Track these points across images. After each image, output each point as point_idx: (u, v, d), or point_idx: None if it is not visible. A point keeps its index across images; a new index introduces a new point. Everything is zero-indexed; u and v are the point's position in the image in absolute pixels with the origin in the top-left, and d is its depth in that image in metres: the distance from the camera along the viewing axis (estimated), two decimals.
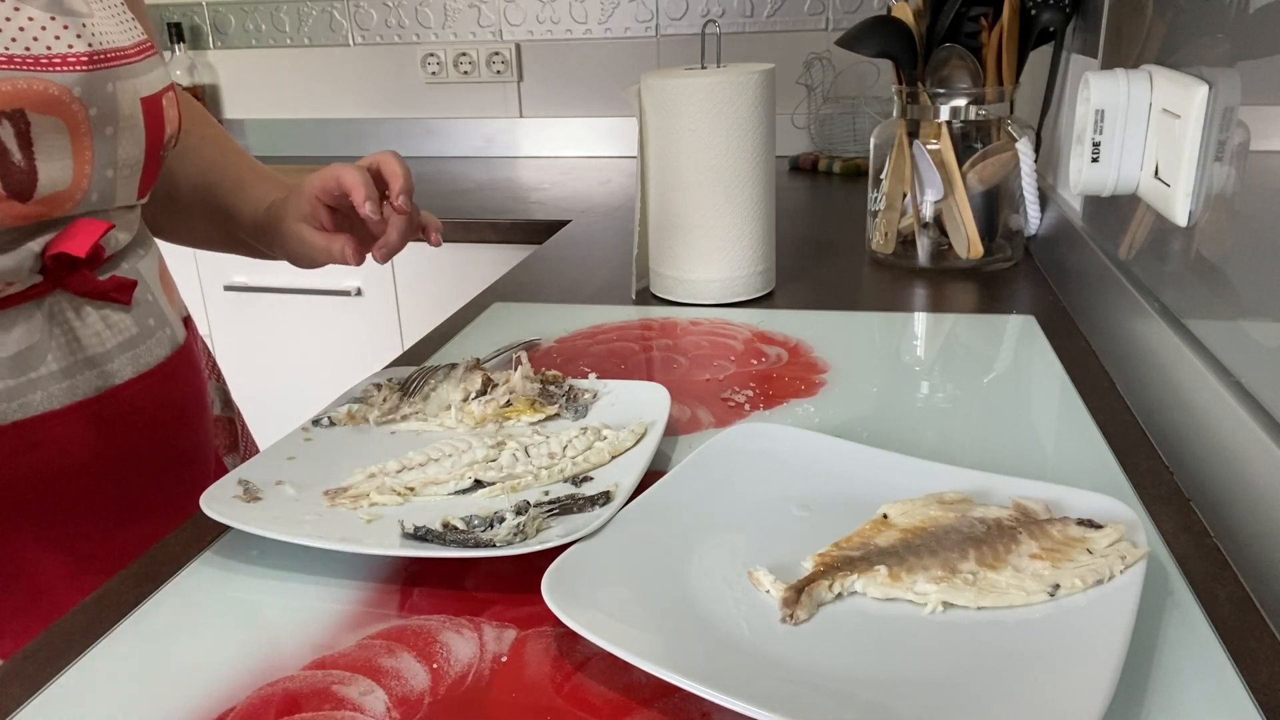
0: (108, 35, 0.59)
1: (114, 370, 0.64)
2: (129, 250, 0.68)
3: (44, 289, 0.60)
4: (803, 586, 0.47)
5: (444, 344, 0.89)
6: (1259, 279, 0.57)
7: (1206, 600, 0.47)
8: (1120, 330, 0.78)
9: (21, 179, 0.54)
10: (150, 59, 0.64)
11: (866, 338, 0.86)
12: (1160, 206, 0.70)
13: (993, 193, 1.04)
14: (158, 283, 0.71)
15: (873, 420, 0.69)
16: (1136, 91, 0.73)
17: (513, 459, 0.61)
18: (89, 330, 0.62)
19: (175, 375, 0.70)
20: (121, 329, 0.65)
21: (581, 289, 1.05)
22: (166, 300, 0.71)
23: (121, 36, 0.61)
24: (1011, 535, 0.49)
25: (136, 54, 0.62)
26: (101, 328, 0.63)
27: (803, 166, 1.79)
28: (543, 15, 1.99)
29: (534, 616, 0.49)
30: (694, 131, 0.91)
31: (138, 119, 0.61)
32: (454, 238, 1.56)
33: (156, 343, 0.68)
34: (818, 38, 1.87)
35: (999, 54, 1.00)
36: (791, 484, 0.58)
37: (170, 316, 0.71)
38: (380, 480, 0.59)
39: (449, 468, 0.60)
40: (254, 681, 0.45)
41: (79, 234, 0.58)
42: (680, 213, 0.94)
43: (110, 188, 0.61)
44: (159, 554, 0.56)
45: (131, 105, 0.60)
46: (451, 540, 0.52)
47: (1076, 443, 0.65)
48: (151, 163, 0.65)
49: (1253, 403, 0.56)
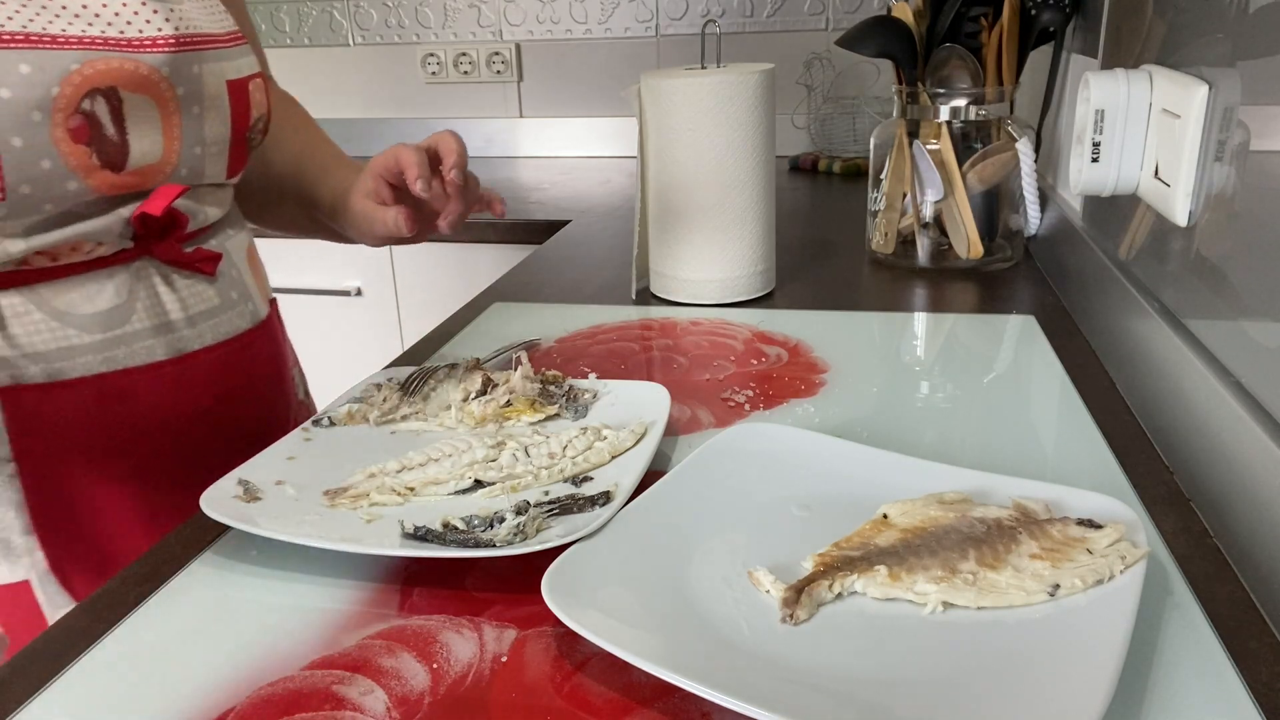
0: (197, 21, 0.65)
1: (192, 336, 0.69)
2: (218, 227, 0.73)
3: (133, 254, 0.65)
4: (803, 586, 0.47)
5: (444, 344, 0.89)
6: (1259, 279, 0.57)
7: (1206, 600, 0.47)
8: (1120, 330, 0.78)
9: (114, 151, 0.60)
10: (240, 47, 0.69)
11: (866, 338, 0.86)
12: (1160, 206, 0.70)
13: (993, 193, 1.04)
14: (245, 261, 0.76)
15: (873, 420, 0.69)
16: (1136, 91, 0.73)
17: (513, 459, 0.61)
18: (173, 296, 0.67)
19: (252, 348, 0.74)
20: (204, 298, 0.70)
21: (581, 289, 1.05)
22: (252, 278, 0.76)
23: (212, 24, 0.66)
24: (1011, 535, 0.49)
25: (227, 41, 0.67)
26: (186, 295, 0.68)
27: (803, 166, 1.79)
28: (543, 15, 1.99)
29: (534, 616, 0.49)
30: (694, 131, 0.91)
31: (223, 100, 0.66)
32: (454, 237, 1.56)
33: (237, 315, 0.73)
34: (818, 38, 1.87)
35: (999, 54, 1.00)
36: (791, 484, 0.58)
37: (254, 293, 0.76)
38: (380, 480, 0.59)
39: (449, 468, 0.60)
40: (254, 681, 0.45)
41: (157, 196, 0.63)
42: (680, 213, 0.94)
43: (199, 164, 0.67)
44: (159, 554, 0.56)
45: (217, 86, 0.66)
46: (451, 540, 0.52)
47: (1076, 443, 0.65)
48: (238, 143, 0.70)
49: (1253, 403, 0.56)
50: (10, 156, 0.55)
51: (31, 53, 0.55)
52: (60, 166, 0.57)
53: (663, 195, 0.95)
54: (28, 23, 0.56)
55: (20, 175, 0.56)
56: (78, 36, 0.57)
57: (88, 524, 0.65)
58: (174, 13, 0.62)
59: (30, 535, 0.63)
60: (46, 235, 0.59)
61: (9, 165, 0.55)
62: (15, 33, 0.55)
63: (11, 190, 0.56)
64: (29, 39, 0.56)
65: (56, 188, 0.58)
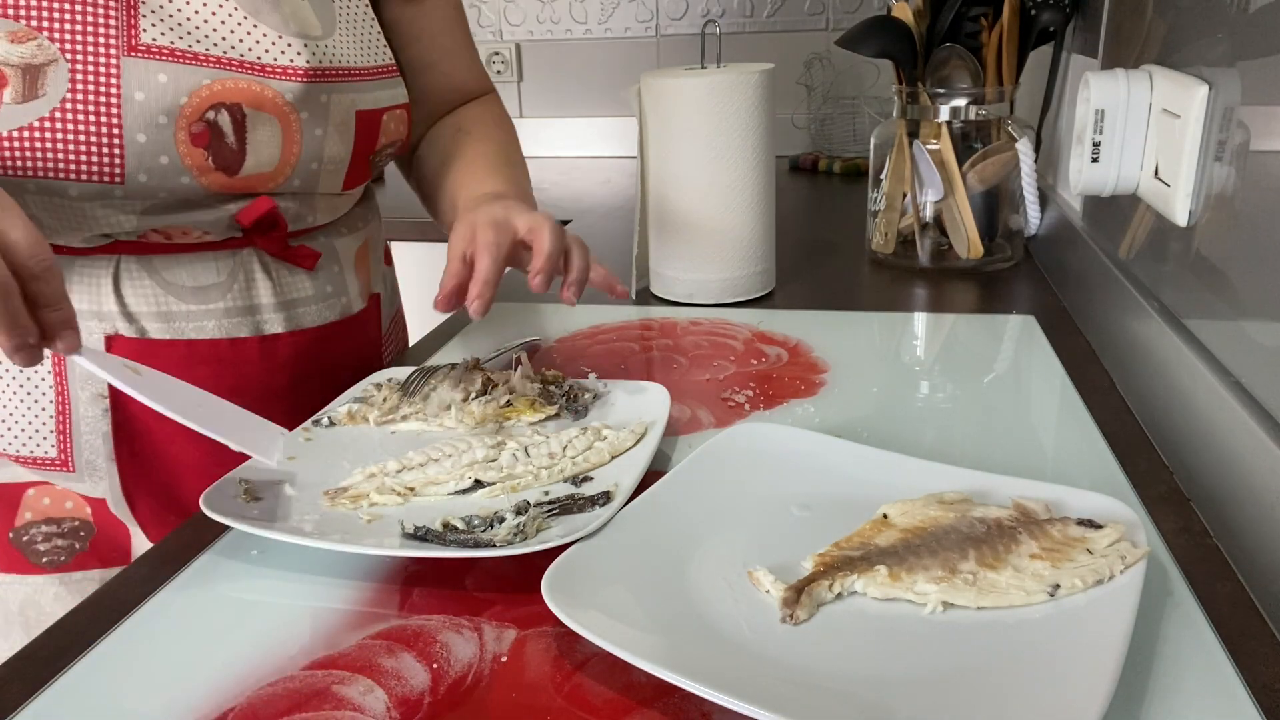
0: (343, 55, 0.70)
1: (277, 320, 0.74)
2: (330, 228, 0.79)
3: (240, 243, 0.72)
4: (803, 586, 0.47)
5: (444, 344, 0.89)
6: (1259, 279, 0.57)
7: (1206, 600, 0.47)
8: (1120, 330, 0.78)
9: (230, 157, 0.66)
10: (385, 80, 0.75)
11: (866, 338, 0.86)
12: (1160, 206, 0.70)
13: (993, 193, 1.04)
14: (351, 261, 0.81)
15: (873, 420, 0.69)
16: (1136, 91, 0.73)
17: (513, 459, 0.61)
18: (268, 283, 0.73)
19: (332, 339, 0.79)
20: (299, 288, 0.75)
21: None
22: (354, 276, 0.81)
23: (359, 58, 0.72)
24: (1011, 535, 0.49)
25: (369, 74, 0.73)
26: (282, 283, 0.74)
27: (803, 166, 1.79)
28: (543, 15, 1.99)
29: (534, 616, 0.49)
30: (694, 131, 0.91)
31: (350, 127, 0.72)
32: None
33: (327, 307, 0.78)
34: (818, 38, 1.87)
35: (999, 54, 1.00)
36: (791, 484, 0.58)
37: (351, 289, 0.81)
38: (380, 480, 0.59)
39: (449, 468, 0.60)
40: (254, 681, 0.45)
41: (254, 207, 0.69)
42: (680, 213, 0.94)
43: (313, 178, 0.72)
44: (159, 554, 0.56)
45: (345, 115, 0.71)
46: (451, 540, 0.52)
47: (1076, 443, 0.64)
48: (359, 164, 0.75)
49: (1253, 403, 0.56)
50: (133, 149, 0.63)
51: (172, 65, 0.63)
52: (176, 163, 0.64)
53: (663, 195, 0.95)
54: (175, 40, 0.63)
55: (139, 165, 0.63)
56: (216, 57, 0.64)
57: (159, 462, 0.73)
58: (319, 47, 0.68)
59: (111, 462, 0.71)
60: (159, 217, 0.66)
61: (130, 156, 0.63)
62: (162, 47, 0.63)
63: (130, 177, 0.63)
64: (173, 54, 0.63)
65: (171, 180, 0.65)
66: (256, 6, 0.66)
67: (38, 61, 0.60)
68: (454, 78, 0.88)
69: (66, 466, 0.71)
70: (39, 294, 0.49)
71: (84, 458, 0.71)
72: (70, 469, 0.71)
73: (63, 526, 0.73)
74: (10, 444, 0.71)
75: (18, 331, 0.48)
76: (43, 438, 0.70)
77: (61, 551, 0.73)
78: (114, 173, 0.63)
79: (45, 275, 0.48)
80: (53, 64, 0.60)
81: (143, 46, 0.62)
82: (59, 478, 0.72)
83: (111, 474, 0.71)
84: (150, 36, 0.62)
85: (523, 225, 0.68)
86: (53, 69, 0.60)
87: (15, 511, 0.73)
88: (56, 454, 0.71)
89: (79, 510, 0.73)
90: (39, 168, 0.61)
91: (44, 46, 0.60)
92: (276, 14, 0.67)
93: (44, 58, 0.60)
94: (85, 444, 0.70)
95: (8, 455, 0.71)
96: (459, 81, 0.89)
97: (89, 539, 0.73)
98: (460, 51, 0.89)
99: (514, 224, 0.68)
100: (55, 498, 0.73)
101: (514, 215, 0.69)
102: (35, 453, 0.71)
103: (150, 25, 0.63)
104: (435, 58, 0.86)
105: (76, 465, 0.71)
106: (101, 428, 0.70)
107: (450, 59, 0.87)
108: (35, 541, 0.73)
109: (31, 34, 0.60)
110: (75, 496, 0.73)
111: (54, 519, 0.73)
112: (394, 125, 0.77)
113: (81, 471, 0.71)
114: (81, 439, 0.70)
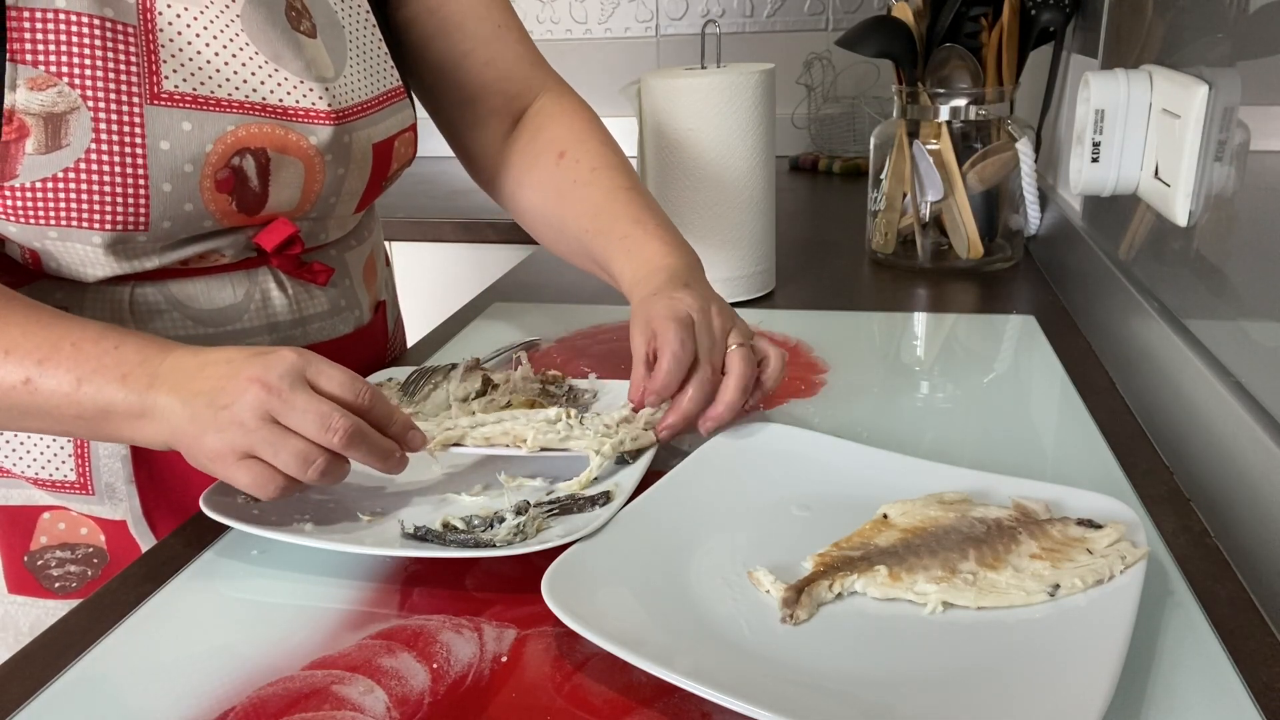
0: (353, 92, 0.70)
1: (298, 336, 0.74)
2: (340, 242, 0.78)
3: (255, 262, 0.71)
4: (803, 586, 0.47)
5: (444, 344, 0.89)
6: (1259, 279, 0.57)
7: (1206, 600, 0.47)
8: (1120, 330, 0.78)
9: (253, 200, 0.66)
10: (392, 105, 0.74)
11: (866, 338, 0.86)
12: (1160, 206, 0.70)
13: (993, 193, 1.04)
14: (360, 272, 0.80)
15: (873, 420, 0.69)
16: (1136, 91, 0.73)
17: (567, 427, 0.60)
18: (285, 300, 0.73)
19: (344, 352, 0.77)
20: (315, 304, 0.75)
21: (581, 289, 1.05)
22: (363, 287, 0.81)
23: (367, 88, 0.71)
24: (1011, 535, 0.49)
25: (378, 104, 0.72)
26: (298, 300, 0.73)
27: (803, 166, 1.79)
28: (542, 15, 1.99)
29: (534, 616, 0.49)
30: (694, 131, 0.91)
31: (368, 161, 0.72)
32: (454, 238, 1.56)
33: (341, 321, 0.78)
34: (818, 38, 1.87)
35: (999, 54, 1.00)
36: (791, 484, 0.58)
37: (362, 301, 0.80)
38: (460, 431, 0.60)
39: (524, 424, 0.60)
40: (254, 681, 0.45)
41: (272, 231, 0.69)
42: (680, 213, 0.94)
43: (329, 209, 0.72)
44: (159, 554, 0.56)
45: (364, 151, 0.71)
46: (451, 540, 0.52)
47: (1076, 443, 0.64)
48: (373, 190, 0.75)
49: (1253, 403, 0.56)
50: (158, 198, 0.62)
51: (196, 113, 0.62)
52: (200, 209, 0.64)
53: (663, 195, 0.95)
54: (197, 86, 0.62)
55: (163, 213, 0.62)
56: (239, 102, 0.63)
57: (178, 483, 0.71)
58: (328, 90, 0.67)
59: (131, 484, 0.70)
60: (179, 251, 0.66)
61: (155, 205, 0.62)
62: (185, 94, 0.62)
63: (154, 225, 0.62)
64: (196, 100, 0.62)
65: (194, 225, 0.64)
66: (277, 51, 0.65)
67: (59, 110, 0.58)
68: (498, 65, 0.81)
69: (86, 490, 0.70)
70: (377, 419, 0.54)
71: (103, 480, 0.70)
72: (90, 492, 0.70)
73: (76, 553, 0.72)
74: (29, 466, 0.70)
75: (389, 456, 0.54)
76: (61, 461, 0.70)
77: (74, 578, 0.72)
78: (138, 222, 0.62)
79: (373, 404, 0.54)
80: (74, 112, 0.59)
81: (165, 94, 0.61)
82: (78, 501, 0.71)
83: (131, 496, 0.71)
84: (173, 84, 0.61)
85: (732, 358, 0.63)
86: (74, 117, 0.59)
87: (31, 535, 0.72)
88: (75, 477, 0.70)
89: (93, 537, 0.72)
90: (62, 217, 0.60)
91: (65, 94, 0.58)
92: (299, 60, 0.66)
93: (65, 105, 0.58)
94: (104, 467, 0.69)
95: (26, 478, 0.70)
96: (505, 69, 0.82)
97: (101, 566, 0.72)
98: (500, 35, 0.81)
99: (724, 347, 0.64)
100: (71, 523, 0.72)
101: (726, 336, 0.64)
102: (54, 476, 0.70)
103: (172, 71, 0.61)
104: (470, 46, 0.80)
105: (96, 488, 0.70)
106: (120, 450, 0.69)
107: (488, 46, 0.80)
108: (49, 567, 0.72)
109: (51, 80, 0.58)
110: (90, 522, 0.72)
111: (69, 544, 0.72)
112: (404, 149, 0.76)
113: (101, 494, 0.70)
114: (100, 462, 0.69)
